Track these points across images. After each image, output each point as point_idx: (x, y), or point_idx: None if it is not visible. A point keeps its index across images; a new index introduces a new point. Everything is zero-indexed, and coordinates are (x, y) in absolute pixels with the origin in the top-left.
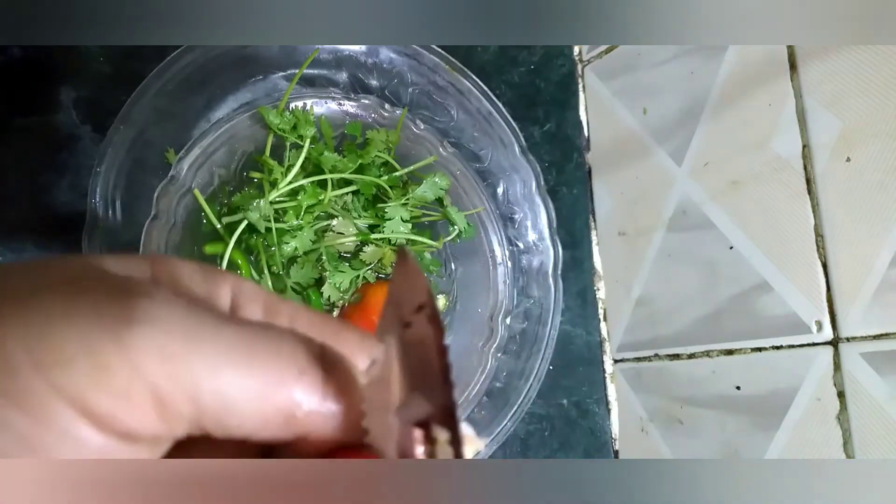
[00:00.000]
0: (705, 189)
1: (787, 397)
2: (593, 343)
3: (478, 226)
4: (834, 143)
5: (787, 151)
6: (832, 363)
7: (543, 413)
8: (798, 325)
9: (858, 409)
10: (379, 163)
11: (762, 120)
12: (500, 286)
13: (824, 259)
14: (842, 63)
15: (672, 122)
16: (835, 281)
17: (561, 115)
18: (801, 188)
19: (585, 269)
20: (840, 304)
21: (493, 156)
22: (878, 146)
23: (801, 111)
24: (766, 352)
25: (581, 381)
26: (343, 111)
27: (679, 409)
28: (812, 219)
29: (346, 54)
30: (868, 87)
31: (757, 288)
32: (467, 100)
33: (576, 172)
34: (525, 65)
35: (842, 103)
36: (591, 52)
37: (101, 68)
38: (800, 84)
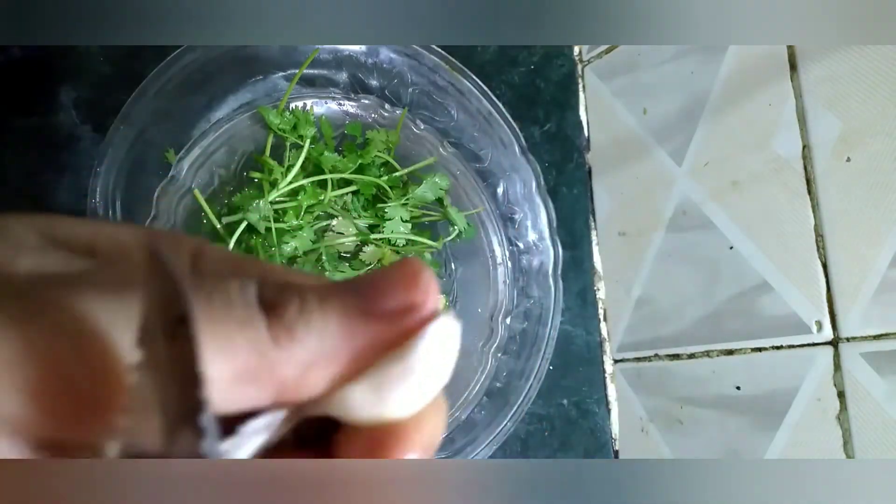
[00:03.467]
0: (705, 189)
1: (787, 397)
2: (593, 343)
3: (478, 226)
4: (834, 143)
5: (787, 151)
6: (832, 363)
7: (543, 413)
8: (798, 325)
9: (858, 409)
10: (379, 163)
11: (762, 120)
12: (500, 286)
13: (824, 259)
14: (842, 63)
15: (672, 122)
16: (835, 281)
17: (561, 115)
18: (801, 188)
19: (585, 269)
20: (840, 304)
21: (493, 156)
22: (878, 146)
23: (801, 111)
24: (766, 352)
25: (581, 381)
26: (343, 111)
27: (679, 409)
28: (812, 219)
29: (346, 54)
30: (868, 87)
31: (757, 288)
32: (467, 100)
33: (576, 172)
34: (525, 65)
35: (842, 103)
36: (591, 52)
37: (101, 68)
38: (800, 84)
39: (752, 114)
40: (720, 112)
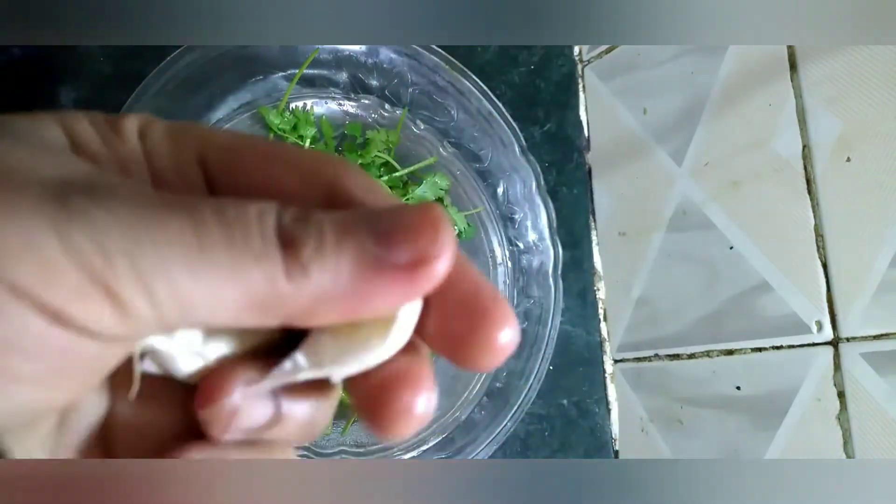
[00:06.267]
0: (705, 189)
1: (787, 397)
2: (593, 343)
3: (478, 226)
4: (834, 143)
5: (787, 151)
6: (832, 363)
7: (543, 413)
8: (798, 325)
9: (858, 409)
10: (379, 163)
11: (762, 120)
12: (500, 286)
13: (824, 259)
14: (842, 63)
15: (672, 122)
16: (835, 281)
17: (561, 115)
18: (801, 188)
19: (585, 269)
20: (840, 304)
21: (493, 156)
22: (878, 146)
23: (801, 111)
24: (766, 352)
25: (581, 381)
26: (343, 111)
27: (679, 409)
28: (812, 219)
29: (346, 54)
30: (868, 87)
31: (757, 288)
32: (467, 100)
33: (576, 172)
34: (525, 65)
35: (842, 103)
36: (591, 52)
37: (101, 68)
38: (800, 84)
39: (752, 114)
40: (720, 112)
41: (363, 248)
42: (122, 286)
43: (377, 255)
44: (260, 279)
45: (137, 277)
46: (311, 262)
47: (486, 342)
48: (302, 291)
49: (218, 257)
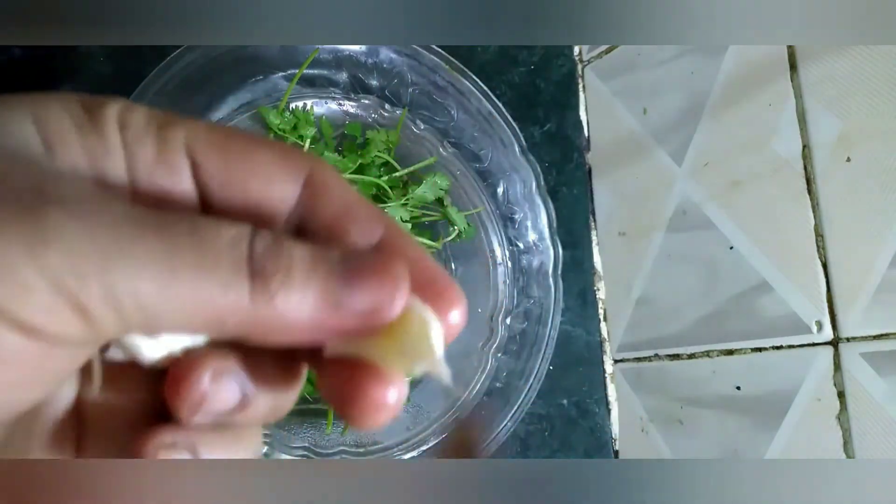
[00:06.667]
0: (705, 189)
1: (787, 397)
2: (593, 343)
3: (478, 226)
4: (834, 143)
5: (787, 151)
6: (832, 363)
7: (543, 413)
8: (798, 325)
9: (858, 409)
10: (379, 163)
11: (762, 120)
12: (500, 286)
13: (824, 259)
14: (842, 63)
15: (672, 122)
16: (835, 281)
17: (561, 115)
18: (801, 188)
19: (585, 269)
20: (840, 304)
21: (493, 156)
22: (878, 146)
23: (801, 111)
24: (766, 352)
25: (581, 381)
26: (343, 111)
27: (679, 409)
28: (812, 219)
29: (346, 54)
30: (868, 87)
31: (757, 288)
32: (467, 100)
33: (576, 172)
34: (525, 65)
35: (842, 103)
36: (591, 52)
37: (101, 68)
38: (800, 84)
39: (752, 114)
40: (720, 112)
41: (327, 289)
42: (93, 305)
43: (339, 297)
44: (225, 306)
45: (109, 296)
46: (278, 293)
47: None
48: (264, 317)
49: (188, 280)
